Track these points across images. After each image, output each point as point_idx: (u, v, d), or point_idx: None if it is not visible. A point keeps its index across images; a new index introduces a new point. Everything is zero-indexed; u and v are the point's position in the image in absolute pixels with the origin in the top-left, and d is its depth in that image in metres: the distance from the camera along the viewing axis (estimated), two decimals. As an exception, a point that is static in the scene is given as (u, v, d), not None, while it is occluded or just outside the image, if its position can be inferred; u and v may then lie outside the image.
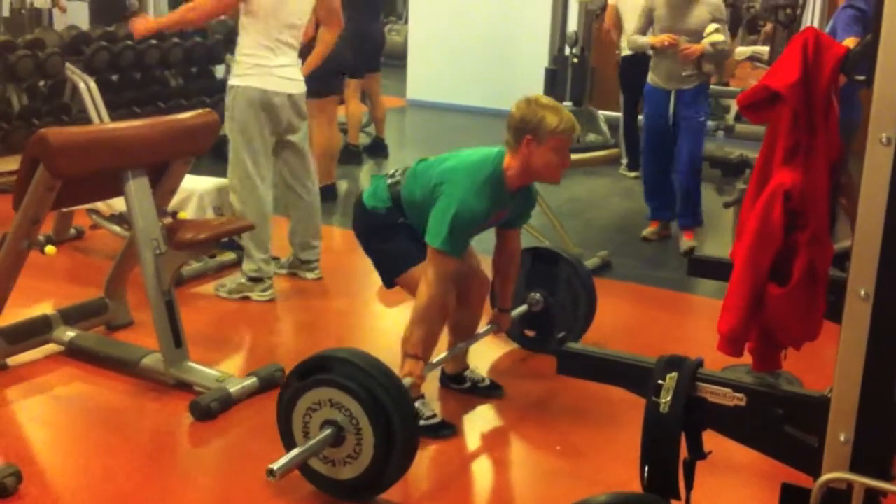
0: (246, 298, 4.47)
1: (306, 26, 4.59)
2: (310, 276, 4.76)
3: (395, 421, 2.67)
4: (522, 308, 3.85)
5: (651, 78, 5.53)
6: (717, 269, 3.17)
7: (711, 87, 9.06)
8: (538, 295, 3.89)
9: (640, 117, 7.14)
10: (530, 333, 3.99)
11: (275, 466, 2.59)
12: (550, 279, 3.90)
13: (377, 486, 2.77)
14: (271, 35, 4.28)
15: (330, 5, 4.67)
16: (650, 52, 5.53)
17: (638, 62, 6.97)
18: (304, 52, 4.71)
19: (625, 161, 7.53)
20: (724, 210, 5.65)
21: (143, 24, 4.49)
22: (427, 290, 3.04)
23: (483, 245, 3.51)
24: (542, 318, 3.92)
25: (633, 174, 7.33)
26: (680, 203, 5.61)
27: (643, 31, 5.52)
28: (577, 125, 3.11)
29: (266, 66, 4.29)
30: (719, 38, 5.21)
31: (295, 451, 2.70)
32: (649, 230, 5.81)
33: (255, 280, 4.47)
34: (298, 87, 4.49)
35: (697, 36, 5.26)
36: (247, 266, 4.51)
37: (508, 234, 3.43)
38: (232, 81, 4.39)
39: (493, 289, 3.58)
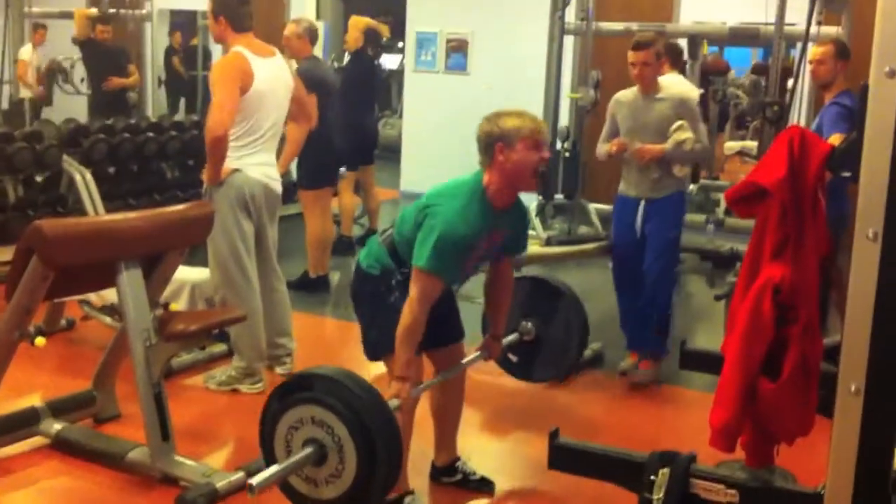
0: (236, 391, 4.44)
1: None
2: (278, 370, 4.69)
3: (379, 441, 2.61)
4: (513, 337, 3.79)
5: (621, 185, 4.88)
6: (708, 362, 3.17)
7: (702, 181, 9.24)
8: (530, 324, 3.85)
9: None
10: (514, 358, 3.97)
11: (254, 481, 2.52)
12: (545, 309, 3.86)
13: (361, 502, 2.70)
14: (251, 133, 4.30)
15: (299, 101, 4.70)
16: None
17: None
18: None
19: None
20: (715, 302, 5.65)
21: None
22: (411, 312, 2.99)
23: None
24: (532, 347, 3.87)
25: None
26: (638, 326, 4.90)
27: (609, 138, 4.84)
28: (544, 124, 3.12)
29: (245, 162, 4.30)
30: (684, 135, 4.58)
31: (275, 468, 2.64)
32: (628, 362, 4.95)
33: (245, 373, 4.44)
34: (276, 185, 4.48)
35: (662, 136, 4.62)
36: (236, 361, 4.48)
37: (502, 262, 3.39)
38: None
39: (486, 316, 3.54)
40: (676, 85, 5.24)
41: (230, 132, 4.18)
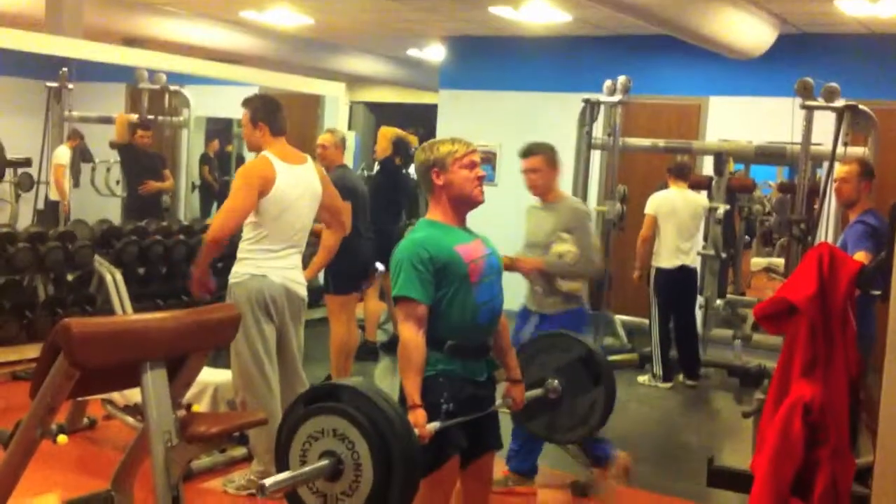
0: (254, 496, 4.38)
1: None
2: None
3: (398, 464, 2.56)
4: (539, 391, 3.69)
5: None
6: (737, 481, 3.11)
7: (729, 296, 9.19)
8: (556, 383, 3.76)
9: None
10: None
11: (266, 483, 2.48)
12: (572, 370, 3.77)
13: None
14: (272, 238, 4.34)
15: (332, 209, 4.75)
16: None
17: (674, 276, 7.13)
18: None
19: (658, 372, 7.37)
20: (742, 419, 5.57)
21: (198, 285, 4.44)
22: (402, 338, 3.02)
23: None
24: (556, 407, 3.76)
25: (666, 385, 7.24)
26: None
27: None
28: (470, 142, 3.17)
29: (268, 266, 4.33)
30: (564, 248, 4.37)
31: (289, 473, 2.59)
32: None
33: (264, 477, 4.38)
34: (299, 289, 4.49)
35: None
36: (255, 465, 4.44)
37: None
38: (232, 279, 4.40)
39: (499, 362, 3.43)
40: (571, 197, 5.09)
41: (251, 234, 4.29)
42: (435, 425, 2.96)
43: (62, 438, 3.53)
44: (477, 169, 3.16)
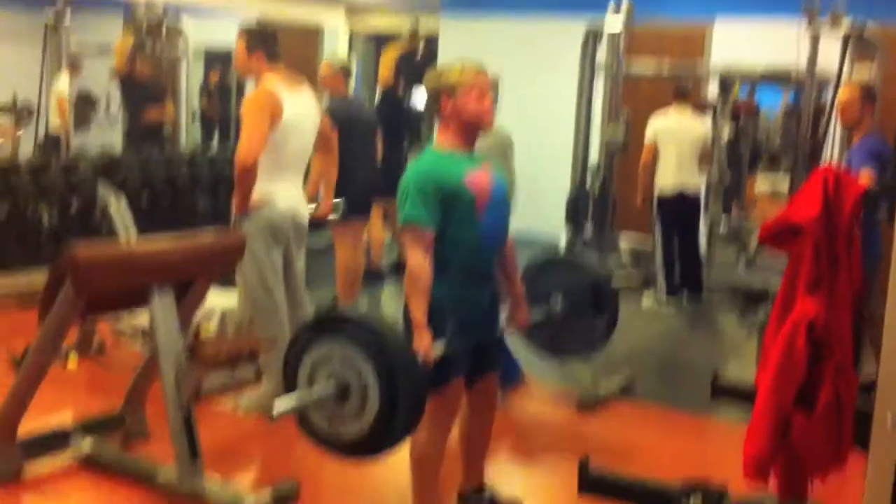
0: (265, 414, 4.44)
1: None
2: None
3: (402, 381, 2.63)
4: (543, 310, 3.76)
5: None
6: (741, 395, 3.15)
7: (733, 217, 9.21)
8: (560, 301, 3.81)
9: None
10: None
11: (275, 409, 2.57)
12: (575, 289, 3.85)
13: (378, 446, 2.71)
14: (278, 163, 4.35)
15: (325, 134, 4.78)
16: None
17: (674, 204, 7.12)
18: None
19: (661, 294, 7.43)
20: (746, 337, 5.61)
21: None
22: (409, 263, 3.04)
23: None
24: (559, 324, 3.84)
25: (668, 305, 7.33)
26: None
27: None
28: (480, 67, 3.16)
29: (272, 192, 4.35)
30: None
31: (296, 395, 2.66)
32: None
33: (274, 397, 4.45)
34: (302, 216, 4.54)
35: None
36: (265, 384, 4.50)
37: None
38: None
39: (503, 283, 3.47)
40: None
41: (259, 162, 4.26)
42: (440, 348, 3.00)
43: (72, 361, 3.58)
44: (487, 94, 3.14)
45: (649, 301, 7.39)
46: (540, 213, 8.07)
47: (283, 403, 2.63)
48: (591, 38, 7.85)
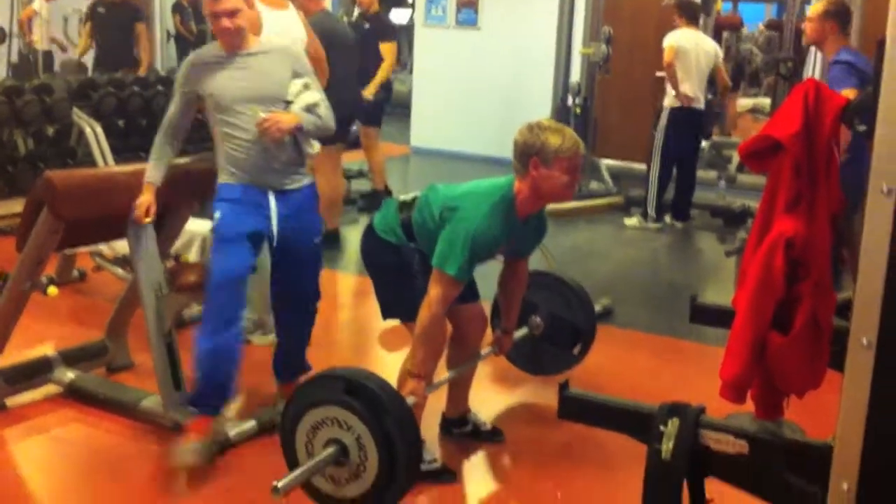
0: (247, 342, 4.45)
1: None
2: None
3: (397, 437, 2.65)
4: (523, 331, 3.84)
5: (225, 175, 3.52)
6: (718, 317, 3.17)
7: (713, 138, 9.17)
8: (539, 319, 3.89)
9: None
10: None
11: (279, 484, 2.57)
12: (550, 304, 3.91)
13: (382, 500, 2.74)
14: None
15: (315, 55, 4.66)
16: None
17: (684, 117, 7.07)
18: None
19: (652, 213, 7.42)
20: (725, 259, 5.65)
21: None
22: (429, 312, 3.01)
23: (483, 287, 3.51)
24: (539, 342, 3.93)
25: (656, 226, 7.34)
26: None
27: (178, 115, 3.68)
28: (582, 145, 3.08)
29: None
30: (311, 97, 3.49)
31: (299, 469, 2.67)
32: None
33: (256, 325, 4.46)
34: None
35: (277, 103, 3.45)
36: (247, 312, 4.49)
37: (518, 263, 3.43)
38: None
39: (498, 310, 3.60)
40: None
41: None
42: (430, 389, 3.14)
43: (52, 290, 3.57)
44: (577, 174, 3.06)
45: (633, 222, 7.40)
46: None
47: (288, 479, 2.65)
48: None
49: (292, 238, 3.53)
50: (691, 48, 7.08)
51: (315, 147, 3.62)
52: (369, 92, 6.99)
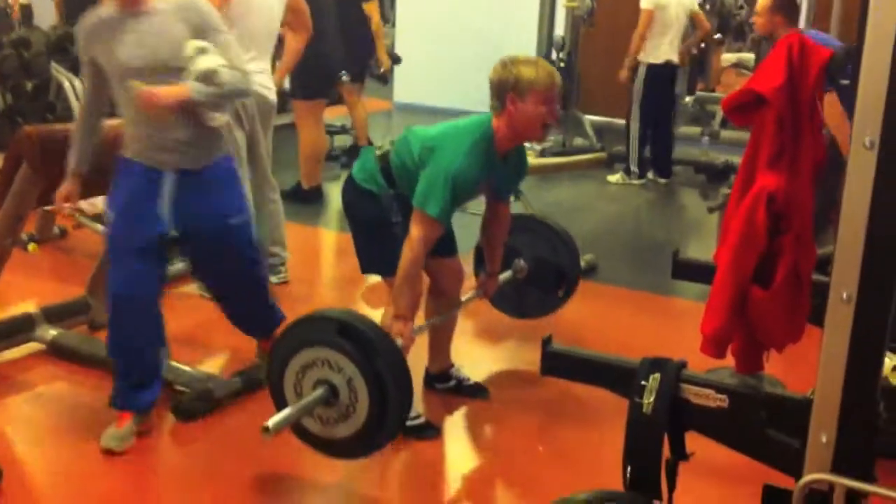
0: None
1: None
2: (273, 279, 4.68)
3: (387, 376, 2.63)
4: (507, 274, 3.82)
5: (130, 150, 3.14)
6: (700, 272, 3.18)
7: (697, 93, 9.13)
8: (522, 262, 3.89)
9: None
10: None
11: (269, 424, 2.56)
12: (535, 247, 3.91)
13: (372, 443, 2.73)
14: (243, 44, 4.22)
15: (296, 9, 4.62)
16: None
17: (661, 72, 7.06)
18: None
19: (635, 169, 7.44)
20: (708, 215, 5.66)
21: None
22: (411, 252, 2.99)
23: (462, 241, 3.51)
24: (524, 285, 3.93)
25: (639, 182, 7.35)
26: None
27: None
28: (558, 76, 3.06)
29: None
30: (209, 62, 2.97)
31: (288, 409, 2.65)
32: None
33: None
34: (269, 95, 4.43)
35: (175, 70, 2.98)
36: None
37: (499, 205, 3.41)
38: None
39: (481, 257, 3.60)
40: None
41: None
42: (417, 330, 3.13)
43: (33, 247, 3.56)
44: (553, 108, 3.04)
45: (616, 178, 7.40)
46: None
47: (278, 418, 2.62)
48: None
49: (196, 225, 3.13)
50: (670, 2, 7.04)
51: (221, 118, 3.12)
52: (385, 65, 7.05)
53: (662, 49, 7.07)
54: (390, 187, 3.16)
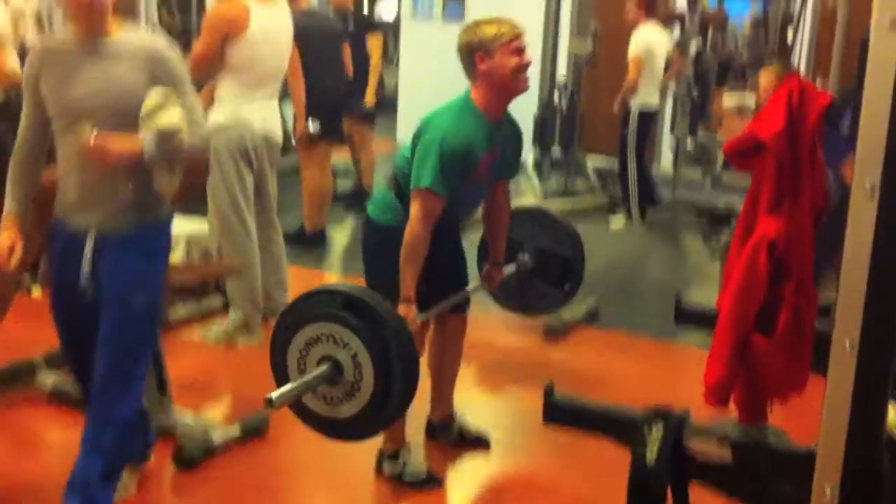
0: (232, 344, 4.44)
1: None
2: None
3: (395, 356, 2.57)
4: (511, 267, 3.78)
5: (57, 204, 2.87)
6: (703, 318, 3.16)
7: (699, 135, 9.15)
8: (526, 256, 3.84)
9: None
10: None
11: (273, 395, 2.49)
12: (542, 241, 3.88)
13: (376, 422, 2.69)
14: (249, 85, 4.27)
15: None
16: None
17: (652, 118, 7.24)
18: None
19: (635, 212, 7.44)
20: (710, 258, 5.64)
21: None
22: (411, 232, 2.96)
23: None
24: (529, 279, 3.89)
25: (640, 225, 7.40)
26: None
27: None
28: (519, 25, 3.07)
29: (247, 112, 4.28)
30: (173, 119, 2.59)
31: (291, 384, 2.59)
32: None
33: (242, 326, 4.44)
34: (276, 136, 4.47)
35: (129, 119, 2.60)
36: (233, 314, 4.48)
37: (497, 188, 3.36)
38: (212, 126, 4.33)
39: (486, 246, 3.56)
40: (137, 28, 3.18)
41: (227, 79, 4.23)
42: (423, 317, 3.06)
43: (36, 291, 3.54)
44: (524, 55, 3.04)
45: (618, 223, 7.40)
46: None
47: (281, 392, 2.56)
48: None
49: (104, 294, 2.72)
50: (657, 48, 7.14)
51: (168, 184, 2.70)
52: (369, 99, 6.97)
53: (653, 96, 7.19)
54: (406, 209, 3.08)
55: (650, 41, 7.08)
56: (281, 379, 2.70)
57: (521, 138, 3.32)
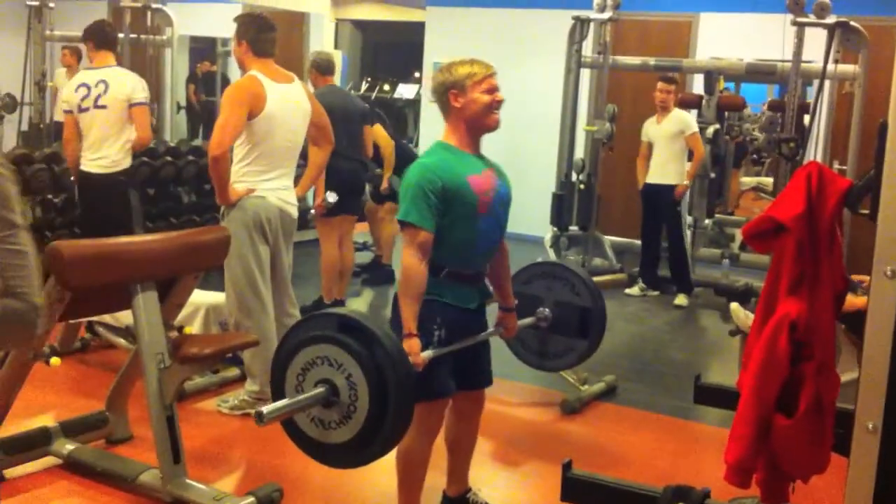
0: (248, 415, 4.43)
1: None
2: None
3: (392, 386, 2.56)
4: (529, 319, 3.74)
5: None
6: (724, 398, 3.15)
7: (717, 216, 9.21)
8: (547, 311, 3.81)
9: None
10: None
11: (264, 410, 2.48)
12: (556, 293, 3.86)
13: (369, 449, 2.65)
14: (265, 157, 4.33)
15: (320, 124, 4.72)
16: None
17: (659, 190, 7.28)
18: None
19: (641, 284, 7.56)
20: (730, 338, 5.62)
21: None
22: (403, 263, 3.00)
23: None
24: (546, 335, 3.85)
25: (655, 293, 7.46)
26: None
27: None
28: (491, 65, 3.12)
29: (263, 187, 4.33)
30: None
31: (286, 400, 2.58)
32: None
33: (258, 398, 4.44)
34: (292, 210, 4.50)
35: None
36: (249, 385, 4.48)
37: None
38: None
39: (494, 290, 3.46)
40: None
41: (243, 155, 4.27)
42: (429, 354, 2.98)
43: (55, 360, 3.57)
44: (496, 93, 3.12)
45: (634, 292, 7.45)
46: (525, 206, 8.11)
47: (273, 407, 2.57)
48: (578, 28, 7.85)
49: None
50: (648, 133, 7.52)
51: None
52: (384, 185, 7.14)
53: (651, 171, 7.40)
54: (434, 274, 3.06)
55: (690, 121, 7.34)
56: (278, 397, 2.71)
57: (504, 173, 3.32)
